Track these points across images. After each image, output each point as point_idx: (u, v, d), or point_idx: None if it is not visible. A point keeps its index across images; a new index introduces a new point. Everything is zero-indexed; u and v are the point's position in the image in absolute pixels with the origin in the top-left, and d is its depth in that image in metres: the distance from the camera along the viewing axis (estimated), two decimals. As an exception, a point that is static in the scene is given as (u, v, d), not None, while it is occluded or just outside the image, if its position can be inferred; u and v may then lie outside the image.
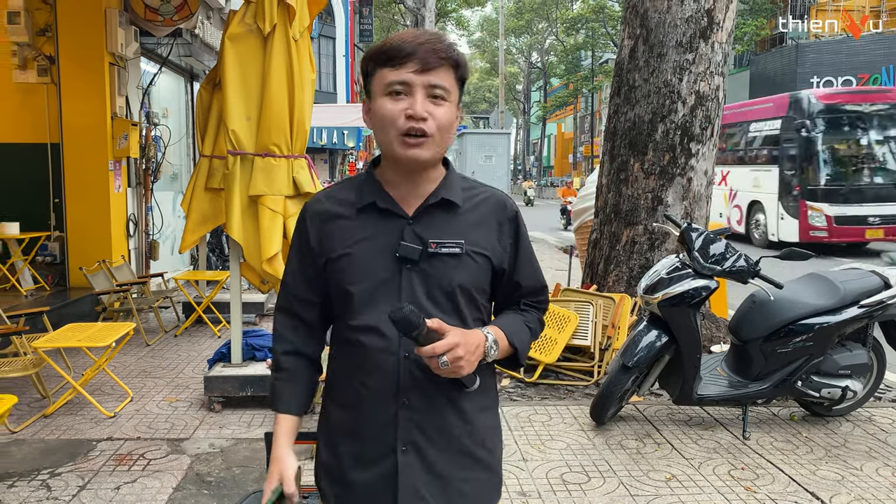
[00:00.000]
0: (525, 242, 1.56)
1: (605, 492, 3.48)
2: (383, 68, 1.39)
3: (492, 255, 1.48)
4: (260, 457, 3.84)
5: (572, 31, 45.54)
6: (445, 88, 1.39)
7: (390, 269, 1.42)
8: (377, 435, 1.44)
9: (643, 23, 5.91)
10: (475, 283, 1.47)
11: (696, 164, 5.86)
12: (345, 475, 1.47)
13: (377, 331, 1.42)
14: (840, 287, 4.28)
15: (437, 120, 1.38)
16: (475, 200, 1.50)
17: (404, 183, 1.46)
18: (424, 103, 1.37)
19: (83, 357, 5.16)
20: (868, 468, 3.80)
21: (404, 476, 1.42)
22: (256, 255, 4.49)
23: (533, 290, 1.58)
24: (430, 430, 1.43)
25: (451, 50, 1.40)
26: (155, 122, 8.49)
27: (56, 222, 7.51)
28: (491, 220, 1.50)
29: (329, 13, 30.72)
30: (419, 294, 1.42)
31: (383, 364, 1.42)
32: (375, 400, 1.43)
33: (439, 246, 1.43)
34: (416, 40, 1.37)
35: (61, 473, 3.63)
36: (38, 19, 7.19)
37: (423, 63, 1.36)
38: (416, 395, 1.42)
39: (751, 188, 15.57)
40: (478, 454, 1.49)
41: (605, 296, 5.59)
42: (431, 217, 1.45)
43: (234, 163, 4.45)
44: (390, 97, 1.38)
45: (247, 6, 4.42)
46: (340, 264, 1.45)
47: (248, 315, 6.97)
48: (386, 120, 1.38)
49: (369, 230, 1.45)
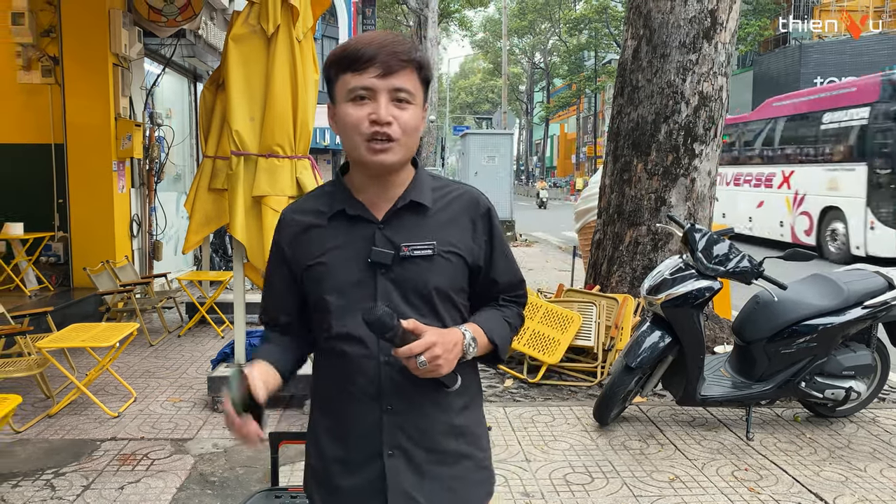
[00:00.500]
0: (499, 238, 1.53)
1: (608, 492, 3.48)
2: (345, 73, 1.37)
3: (465, 254, 1.46)
4: (263, 457, 3.84)
5: (575, 32, 45.52)
6: (409, 91, 1.37)
7: (364, 275, 1.42)
8: (363, 440, 1.44)
9: (646, 23, 5.91)
10: (451, 284, 1.46)
11: (699, 164, 5.86)
12: (332, 480, 1.47)
13: (355, 338, 1.42)
14: (844, 288, 4.27)
15: (402, 124, 1.37)
16: (447, 199, 1.49)
17: (373, 187, 1.45)
18: (388, 107, 1.35)
19: (87, 357, 5.17)
20: (872, 469, 3.79)
21: (392, 480, 1.42)
22: (260, 256, 4.49)
23: (510, 286, 1.57)
24: (415, 433, 1.43)
25: (414, 52, 1.38)
26: (158, 123, 8.50)
27: (60, 223, 7.53)
28: (463, 217, 1.48)
29: (332, 14, 30.73)
30: (395, 298, 1.41)
31: (364, 370, 1.42)
32: (359, 406, 1.43)
33: (411, 249, 1.42)
34: (376, 44, 1.35)
35: (65, 473, 3.64)
36: (42, 20, 7.21)
37: (385, 67, 1.35)
38: (398, 400, 1.42)
39: (825, 191, 13.09)
40: (465, 452, 1.49)
41: (609, 296, 5.59)
42: (401, 220, 1.44)
43: (237, 163, 4.46)
44: (353, 103, 1.37)
45: (250, 7, 4.43)
46: (314, 274, 1.45)
47: (252, 315, 6.93)
48: (350, 126, 1.37)
49: (341, 238, 1.44)
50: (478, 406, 1.56)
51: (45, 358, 4.42)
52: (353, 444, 1.45)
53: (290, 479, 3.54)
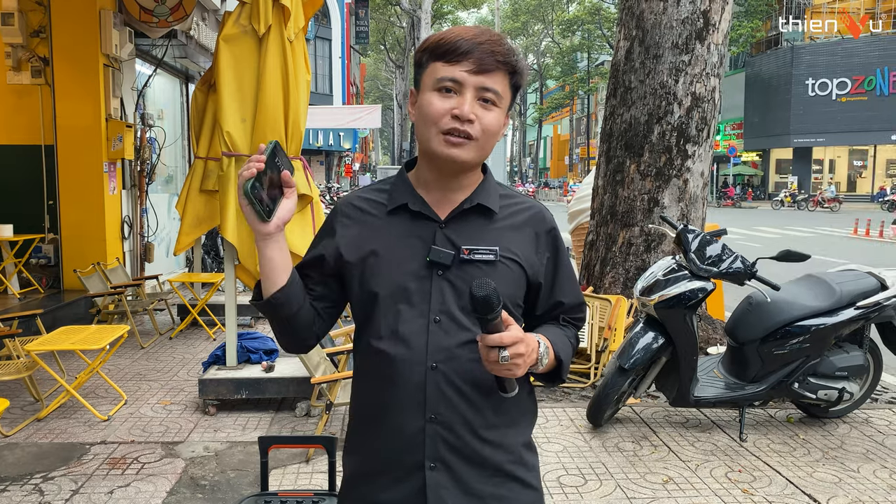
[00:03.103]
0: (564, 258, 1.48)
1: (601, 494, 3.46)
2: (437, 62, 1.33)
3: (526, 265, 1.40)
4: (255, 460, 3.82)
5: (568, 33, 45.66)
6: (497, 93, 1.33)
7: (420, 274, 1.35)
8: (405, 451, 1.36)
9: (639, 24, 5.91)
10: (510, 296, 1.38)
11: (692, 165, 5.86)
12: (371, 495, 1.40)
13: (403, 339, 1.34)
14: (837, 289, 4.27)
15: (483, 124, 1.32)
16: (512, 209, 1.44)
17: (438, 187, 1.39)
18: (473, 105, 1.31)
19: (77, 360, 5.13)
20: (865, 470, 3.79)
21: (433, 494, 1.34)
22: (251, 258, 4.47)
23: (574, 307, 1.51)
24: (459, 446, 1.35)
25: (511, 55, 1.33)
26: (150, 124, 8.46)
27: (50, 224, 7.48)
28: (527, 228, 1.43)
29: (325, 15, 30.74)
30: (450, 303, 1.34)
31: (409, 375, 1.34)
32: (401, 414, 1.35)
33: (472, 252, 1.35)
34: (475, 39, 1.31)
35: (54, 478, 3.60)
36: (33, 20, 7.17)
37: (478, 63, 1.30)
38: (444, 409, 1.34)
39: None
40: (512, 471, 1.39)
41: (602, 297, 5.58)
42: (465, 222, 1.38)
43: (228, 164, 4.44)
44: (439, 93, 1.32)
45: (242, 7, 4.40)
46: (366, 265, 1.38)
47: (244, 317, 6.94)
48: (431, 116, 1.32)
49: (399, 233, 1.38)
50: (528, 424, 1.46)
51: (34, 361, 4.37)
52: (394, 456, 1.37)
53: (280, 483, 3.52)
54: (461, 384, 1.33)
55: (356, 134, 33.02)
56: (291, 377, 4.56)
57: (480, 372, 1.31)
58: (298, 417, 4.49)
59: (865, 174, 38.32)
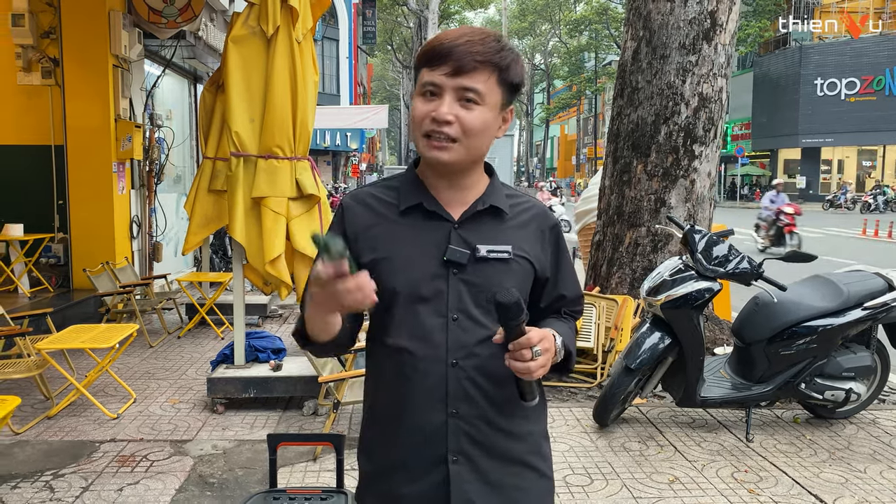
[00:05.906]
0: (566, 253, 1.54)
1: (607, 494, 3.47)
2: (424, 68, 1.37)
3: (535, 261, 1.45)
4: (262, 458, 3.84)
5: (575, 33, 45.59)
6: (478, 92, 1.34)
7: (436, 273, 1.38)
8: (427, 445, 1.39)
9: (646, 24, 5.91)
10: (522, 291, 1.42)
11: (699, 165, 5.86)
12: (393, 490, 1.42)
13: (424, 337, 1.37)
14: (844, 289, 4.27)
15: (464, 124, 1.34)
16: (518, 209, 1.48)
17: (445, 187, 1.43)
18: (452, 106, 1.33)
19: (87, 358, 5.16)
20: (872, 471, 3.79)
21: (456, 486, 1.38)
22: (259, 257, 4.49)
23: (573, 300, 1.57)
24: (480, 439, 1.39)
25: (492, 53, 1.35)
26: (158, 124, 8.51)
27: (60, 224, 7.53)
28: (533, 226, 1.48)
29: (332, 15, 30.77)
30: (466, 301, 1.38)
31: (431, 372, 1.37)
32: (423, 410, 1.38)
33: (488, 251, 1.39)
34: (454, 41, 1.34)
35: (64, 475, 3.64)
36: (43, 22, 7.22)
37: (455, 65, 1.33)
38: (464, 405, 1.38)
39: None
40: (530, 461, 1.45)
41: (608, 297, 5.59)
42: (478, 223, 1.42)
43: (237, 165, 4.46)
44: (423, 98, 1.36)
45: (250, 8, 4.43)
46: (382, 265, 1.39)
47: (252, 317, 6.97)
48: (414, 119, 1.37)
49: (414, 232, 1.41)
50: (542, 415, 1.52)
51: (44, 359, 4.41)
52: (417, 449, 1.40)
53: (288, 481, 3.54)
54: (480, 379, 1.37)
55: (363, 134, 33.05)
56: (299, 376, 4.59)
57: (497, 367, 1.34)
58: (306, 416, 4.51)
59: (874, 174, 38.12)
